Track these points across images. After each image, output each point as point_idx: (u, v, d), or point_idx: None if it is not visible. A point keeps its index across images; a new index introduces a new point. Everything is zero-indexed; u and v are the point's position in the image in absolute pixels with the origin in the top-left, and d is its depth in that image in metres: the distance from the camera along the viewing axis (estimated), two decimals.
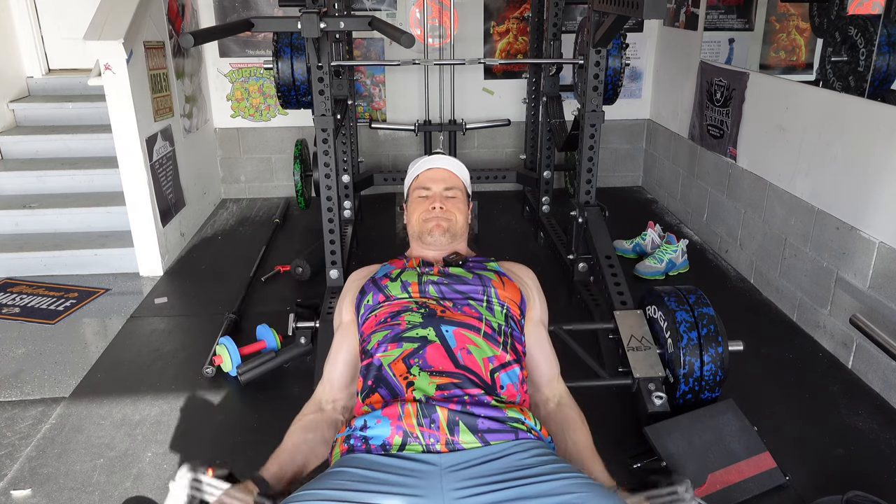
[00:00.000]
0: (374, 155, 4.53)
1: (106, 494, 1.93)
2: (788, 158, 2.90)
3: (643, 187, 4.74)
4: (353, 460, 1.26)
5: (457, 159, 1.88)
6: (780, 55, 3.34)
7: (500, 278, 1.62)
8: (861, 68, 2.47)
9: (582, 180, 2.84)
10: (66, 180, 3.68)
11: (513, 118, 4.28)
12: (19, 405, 2.35)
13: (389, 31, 2.18)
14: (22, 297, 3.13)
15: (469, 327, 1.45)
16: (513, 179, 4.10)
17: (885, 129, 2.32)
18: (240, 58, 4.29)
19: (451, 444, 1.26)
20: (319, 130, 2.66)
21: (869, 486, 1.76)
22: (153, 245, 3.35)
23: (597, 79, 2.72)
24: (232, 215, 4.28)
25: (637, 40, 4.39)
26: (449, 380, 1.36)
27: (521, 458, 1.24)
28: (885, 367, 2.33)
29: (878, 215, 2.36)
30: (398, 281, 1.59)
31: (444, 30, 4.11)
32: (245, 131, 4.46)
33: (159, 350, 2.69)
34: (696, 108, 3.81)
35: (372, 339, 1.48)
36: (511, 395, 1.41)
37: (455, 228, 1.72)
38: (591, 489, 1.16)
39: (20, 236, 3.46)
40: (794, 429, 2.19)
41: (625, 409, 2.21)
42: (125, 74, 3.07)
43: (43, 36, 4.34)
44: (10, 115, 4.04)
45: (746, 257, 3.27)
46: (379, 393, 1.40)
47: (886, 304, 2.31)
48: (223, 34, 3.34)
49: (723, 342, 2.05)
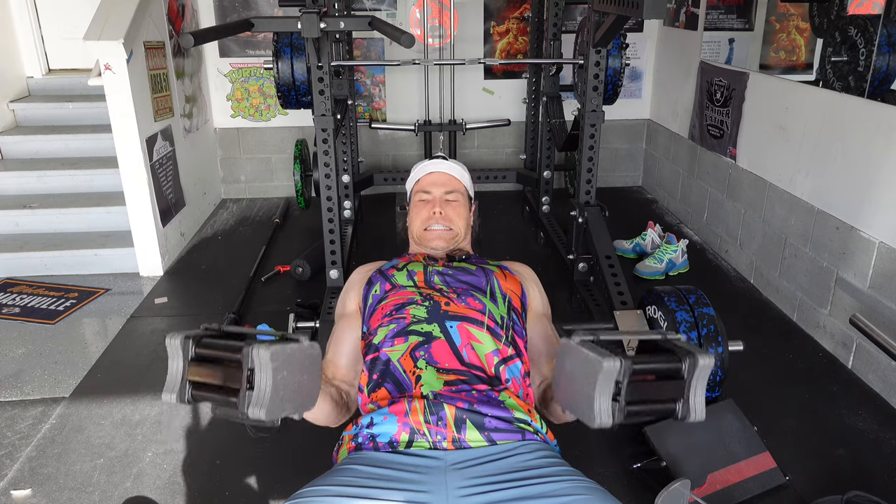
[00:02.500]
0: (374, 155, 4.53)
1: (106, 494, 1.93)
2: (788, 158, 2.90)
3: (643, 187, 4.74)
4: (360, 458, 1.27)
5: (458, 162, 1.88)
6: (780, 55, 3.34)
7: (501, 271, 1.64)
8: (861, 68, 2.47)
9: (582, 180, 2.84)
10: (66, 180, 3.68)
11: (513, 118, 4.28)
12: (19, 405, 2.35)
13: (389, 31, 2.19)
14: (22, 297, 3.13)
15: (472, 321, 1.46)
16: (513, 179, 4.10)
17: (885, 129, 2.32)
18: (240, 58, 4.29)
19: (457, 442, 1.27)
20: (319, 130, 2.66)
21: (869, 486, 1.76)
22: (153, 245, 3.35)
23: (597, 79, 2.72)
24: (232, 215, 4.28)
25: (637, 40, 4.39)
26: (456, 377, 1.37)
27: (526, 459, 1.24)
28: (885, 367, 2.33)
29: (878, 215, 2.36)
30: (404, 271, 1.61)
31: (444, 30, 4.11)
32: (245, 131, 4.46)
33: (159, 350, 2.69)
34: (696, 108, 3.81)
35: (378, 334, 1.48)
36: (515, 388, 1.42)
37: (456, 238, 1.74)
38: (595, 492, 1.16)
39: (20, 236, 3.46)
40: (794, 429, 2.19)
41: None
42: (125, 74, 3.07)
43: (43, 36, 4.34)
44: (11, 115, 4.05)
45: (746, 257, 3.27)
46: (385, 388, 1.40)
47: (886, 304, 2.31)
48: (223, 34, 3.34)
49: (723, 342, 2.05)
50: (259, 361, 0.96)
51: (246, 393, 0.96)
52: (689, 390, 1.03)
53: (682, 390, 1.04)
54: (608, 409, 1.01)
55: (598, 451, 2.06)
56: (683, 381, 1.04)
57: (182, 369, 1.01)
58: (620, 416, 1.01)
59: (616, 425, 1.02)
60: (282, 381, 0.99)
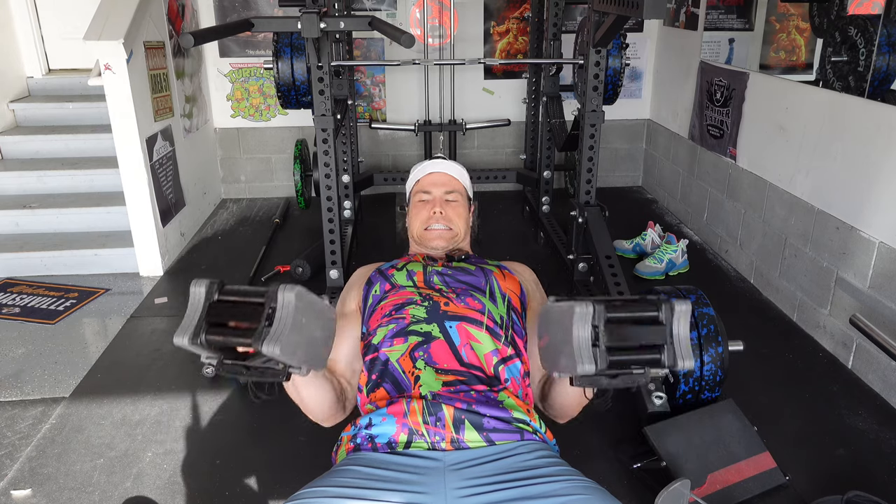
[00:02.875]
0: (374, 155, 4.53)
1: (106, 494, 1.93)
2: (788, 158, 2.90)
3: (643, 187, 4.74)
4: (359, 458, 1.27)
5: (458, 163, 1.89)
6: (780, 55, 3.34)
7: (500, 271, 1.65)
8: (861, 68, 2.47)
9: (582, 180, 2.84)
10: (66, 180, 3.68)
11: (513, 118, 4.28)
12: (19, 405, 2.35)
13: (389, 31, 2.19)
14: (22, 297, 3.13)
15: (472, 321, 1.46)
16: (513, 179, 4.10)
17: (885, 129, 2.32)
18: (240, 58, 4.29)
19: (456, 442, 1.27)
20: (319, 130, 2.66)
21: (869, 486, 1.76)
22: (153, 245, 3.35)
23: (597, 79, 2.72)
24: (232, 215, 4.28)
25: (637, 40, 4.39)
26: (455, 377, 1.37)
27: (524, 459, 1.24)
28: (885, 367, 2.33)
29: (878, 215, 2.36)
30: (404, 270, 1.62)
31: (444, 30, 4.11)
32: (245, 131, 4.46)
33: (159, 350, 2.69)
34: (696, 108, 3.81)
35: (378, 334, 1.48)
36: (514, 388, 1.42)
37: (456, 238, 1.75)
38: (594, 492, 1.16)
39: (20, 236, 3.46)
40: (794, 429, 2.19)
41: (625, 409, 2.21)
42: (125, 74, 3.07)
43: (43, 36, 4.34)
44: (11, 115, 4.05)
45: (746, 257, 3.27)
46: (384, 388, 1.40)
47: (886, 304, 2.31)
48: (223, 34, 3.35)
49: (723, 342, 2.05)
50: (283, 299, 1.00)
51: (264, 329, 0.99)
52: (672, 336, 1.04)
53: (663, 335, 1.05)
54: (589, 353, 1.02)
55: (598, 451, 2.06)
56: (664, 326, 1.05)
57: (201, 310, 1.03)
58: (604, 362, 1.01)
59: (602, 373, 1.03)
60: (300, 324, 1.02)
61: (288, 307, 1.01)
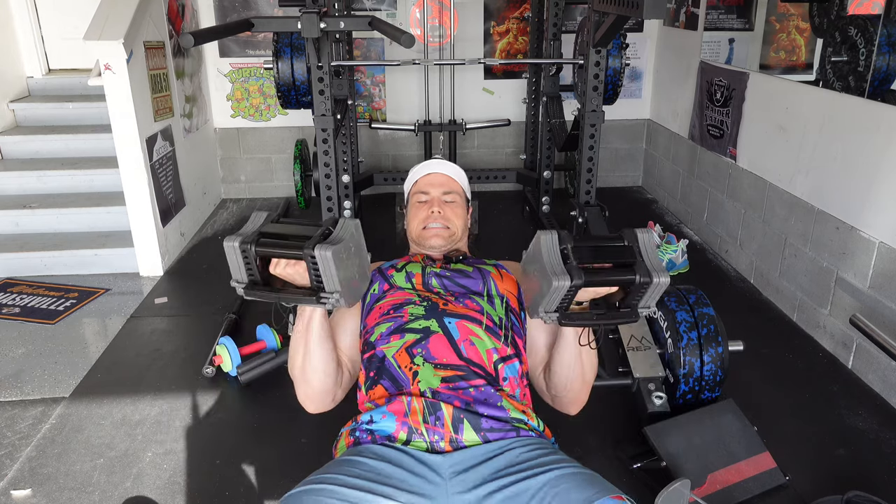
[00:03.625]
0: (374, 155, 4.53)
1: (106, 494, 1.93)
2: (788, 158, 2.90)
3: (643, 187, 4.74)
4: (364, 450, 1.28)
5: (455, 164, 1.89)
6: (780, 55, 3.34)
7: (498, 271, 1.65)
8: (861, 68, 2.47)
9: (582, 180, 2.84)
10: (66, 180, 3.68)
11: (513, 118, 4.28)
12: (19, 405, 2.35)
13: (389, 31, 2.19)
14: (22, 297, 3.13)
15: (471, 319, 1.47)
16: (513, 179, 4.10)
17: (885, 129, 2.32)
18: (240, 58, 4.29)
19: (454, 442, 1.29)
20: (319, 130, 2.66)
21: (869, 486, 1.76)
22: (153, 245, 3.35)
23: (597, 79, 2.72)
24: (232, 215, 4.28)
25: (637, 40, 4.39)
26: (454, 372, 1.38)
27: (520, 453, 1.26)
28: (885, 367, 2.33)
29: (878, 215, 2.36)
30: (403, 271, 1.62)
31: (444, 30, 4.11)
32: (245, 131, 4.46)
33: (159, 350, 2.69)
34: (696, 108, 3.81)
35: (375, 331, 1.49)
36: (512, 387, 1.43)
37: (454, 237, 1.75)
38: (588, 478, 1.19)
39: (20, 236, 3.46)
40: (794, 429, 2.19)
41: (625, 409, 2.21)
42: (125, 74, 3.07)
43: (43, 36, 4.34)
44: (11, 115, 4.04)
45: (746, 257, 3.27)
46: (382, 385, 1.41)
47: (886, 304, 2.31)
48: (223, 34, 3.35)
49: (723, 342, 2.05)
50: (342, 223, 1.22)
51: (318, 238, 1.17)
52: (640, 254, 1.15)
53: (633, 254, 1.17)
54: (561, 267, 1.16)
55: (598, 452, 2.06)
56: (629, 245, 1.20)
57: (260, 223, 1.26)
58: (578, 277, 1.14)
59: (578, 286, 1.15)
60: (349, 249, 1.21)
61: (347, 229, 1.18)
